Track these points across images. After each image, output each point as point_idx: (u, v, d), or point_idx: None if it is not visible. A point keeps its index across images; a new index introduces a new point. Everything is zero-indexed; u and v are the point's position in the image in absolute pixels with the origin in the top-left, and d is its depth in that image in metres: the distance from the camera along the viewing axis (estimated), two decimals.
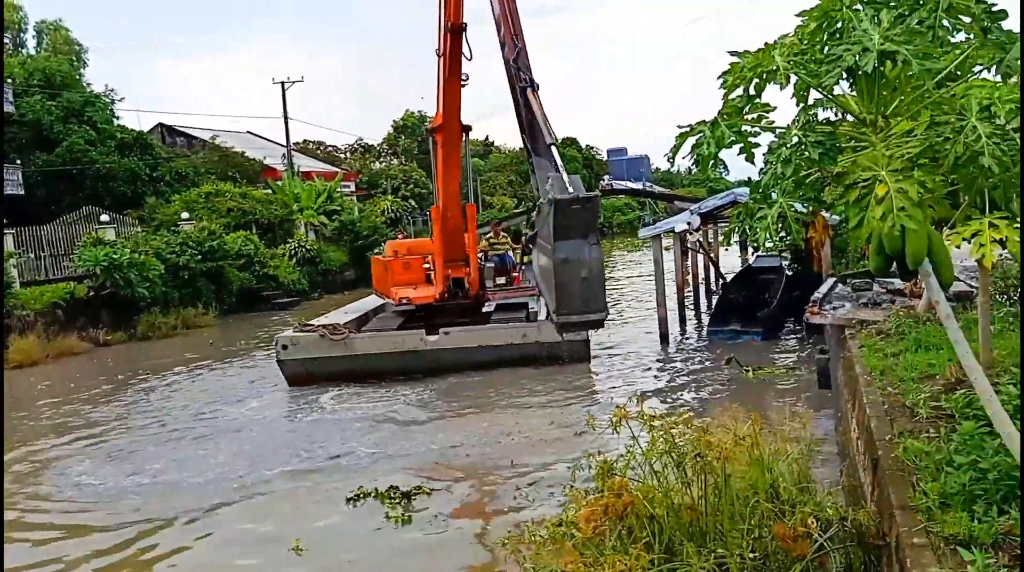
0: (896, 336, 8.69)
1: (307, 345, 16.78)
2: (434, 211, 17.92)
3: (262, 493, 10.46)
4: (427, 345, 16.64)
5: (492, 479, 10.42)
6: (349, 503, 9.71)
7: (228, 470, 11.44)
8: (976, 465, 4.50)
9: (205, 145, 47.86)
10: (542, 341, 16.34)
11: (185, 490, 10.79)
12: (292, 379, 16.76)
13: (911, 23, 3.90)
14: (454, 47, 16.12)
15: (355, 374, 16.47)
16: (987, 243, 4.63)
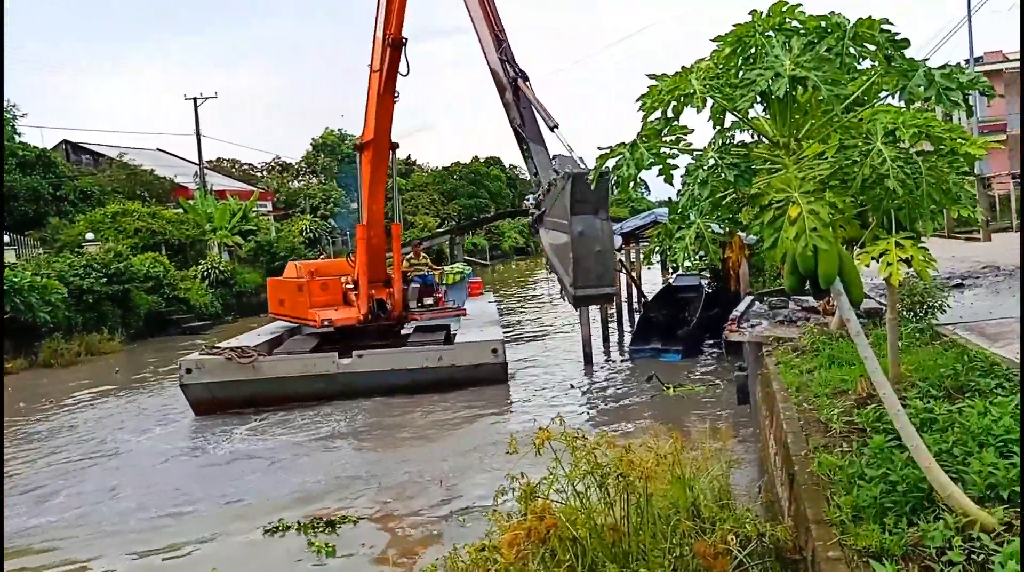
0: (811, 353, 8.95)
1: (213, 369, 16.09)
2: (360, 229, 17.63)
3: (170, 526, 9.94)
4: (339, 368, 16.18)
5: (421, 503, 10.20)
6: (267, 534, 9.31)
7: (136, 504, 10.85)
8: (886, 478, 4.63)
9: (112, 163, 46.07)
10: (458, 364, 16.18)
11: (92, 525, 10.17)
12: (197, 404, 16.02)
13: (820, 50, 4.03)
14: (392, 62, 16.10)
15: (264, 399, 15.87)
16: (894, 262, 4.81)
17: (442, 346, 16.72)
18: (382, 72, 16.29)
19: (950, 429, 5.17)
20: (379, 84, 16.45)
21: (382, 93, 16.56)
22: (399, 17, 16.04)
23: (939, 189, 4.20)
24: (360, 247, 17.64)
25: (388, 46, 16.07)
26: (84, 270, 27.17)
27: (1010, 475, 4.32)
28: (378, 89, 16.53)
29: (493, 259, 67.91)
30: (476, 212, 67.80)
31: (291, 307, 18.99)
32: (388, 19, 16.06)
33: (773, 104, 4.23)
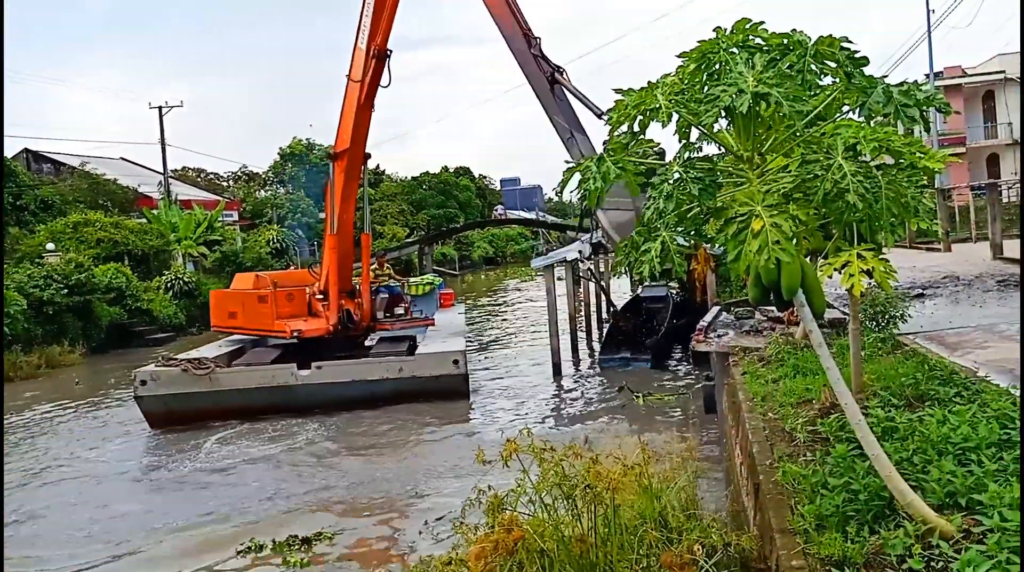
0: (776, 362, 9.06)
1: (169, 380, 15.76)
2: (330, 239, 17.44)
3: (143, 550, 9.67)
4: (299, 380, 15.93)
5: (395, 516, 10.14)
6: (241, 555, 9.10)
7: (100, 526, 10.56)
8: (849, 487, 4.70)
9: (74, 172, 45.25)
10: (419, 375, 15.97)
11: (50, 547, 9.89)
12: (152, 417, 15.68)
13: (782, 67, 4.11)
14: (375, 73, 16.10)
15: (222, 412, 15.53)
16: (856, 273, 4.90)
17: (402, 357, 16.49)
18: (364, 83, 16.25)
19: (910, 438, 5.26)
20: (360, 95, 16.39)
21: (362, 103, 16.51)
22: (386, 29, 16.06)
23: (898, 202, 4.30)
24: (331, 257, 17.45)
25: (373, 57, 16.06)
26: (44, 281, 26.61)
27: (968, 483, 4.40)
28: (358, 99, 16.46)
29: (463, 269, 67.88)
30: (445, 222, 67.73)
31: (249, 319, 18.31)
32: (374, 31, 16.04)
33: (737, 119, 4.30)
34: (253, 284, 18.80)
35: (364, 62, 16.22)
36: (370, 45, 16.09)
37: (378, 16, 16.06)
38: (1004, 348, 8.57)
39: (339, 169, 17.07)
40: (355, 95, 16.49)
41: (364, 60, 16.22)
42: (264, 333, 18.33)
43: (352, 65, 16.51)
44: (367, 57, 16.17)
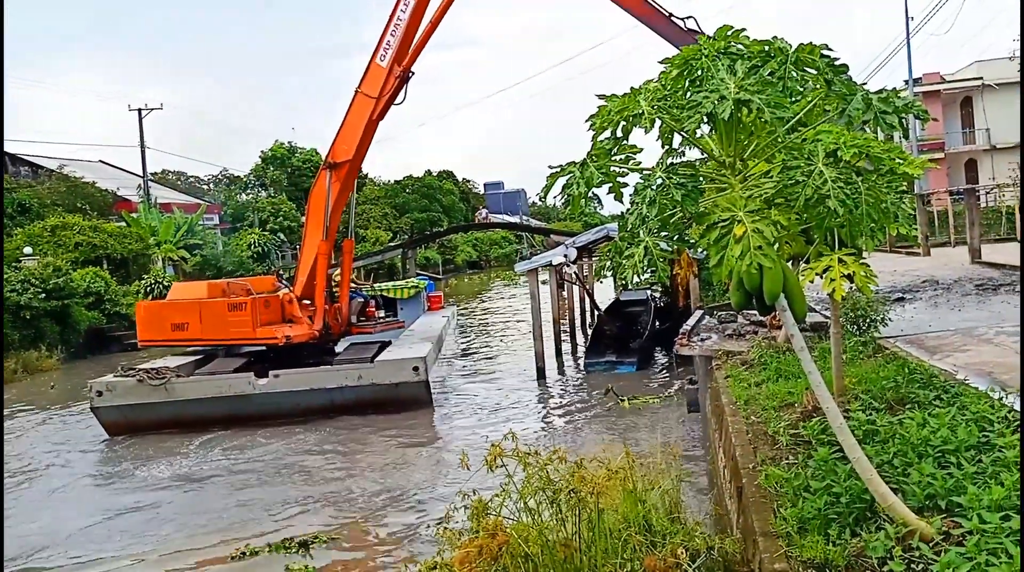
0: (759, 366, 9.12)
1: (125, 391, 15.54)
2: (322, 245, 17.26)
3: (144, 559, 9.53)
4: (256, 389, 15.73)
5: (391, 520, 10.13)
6: (235, 560, 9.00)
7: (84, 536, 10.42)
8: (830, 490, 4.74)
9: (52, 175, 44.75)
10: (378, 382, 15.75)
11: (47, 554, 9.75)
12: (110, 428, 15.48)
13: (763, 74, 4.14)
14: (394, 92, 16.16)
15: (180, 421, 15.31)
16: (837, 278, 4.94)
17: (361, 365, 16.22)
18: (380, 100, 16.28)
19: (891, 441, 5.31)
20: (373, 110, 16.40)
21: (374, 119, 16.56)
22: (415, 54, 16.14)
23: (878, 208, 4.34)
24: (321, 263, 17.32)
25: (396, 77, 16.11)
26: (21, 285, 26.28)
27: (947, 485, 4.45)
28: (371, 114, 16.46)
29: (446, 273, 67.74)
30: (429, 226, 67.64)
31: (211, 329, 17.25)
32: (401, 52, 16.04)
33: (719, 125, 4.33)
34: (209, 293, 17.89)
35: (384, 80, 16.22)
36: (393, 65, 16.11)
37: (408, 38, 16.12)
38: (983, 351, 8.68)
39: (337, 178, 17.01)
40: (367, 109, 16.48)
41: (384, 78, 16.21)
42: (234, 342, 17.50)
43: (366, 79, 16.47)
44: (388, 75, 16.19)
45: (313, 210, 17.64)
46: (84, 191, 42.69)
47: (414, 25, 16.12)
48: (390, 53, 16.15)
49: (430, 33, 16.36)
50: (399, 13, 16.09)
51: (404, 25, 16.05)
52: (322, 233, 17.19)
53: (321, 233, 17.19)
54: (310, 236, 17.66)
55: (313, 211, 17.64)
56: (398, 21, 16.12)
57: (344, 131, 16.98)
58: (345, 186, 17.31)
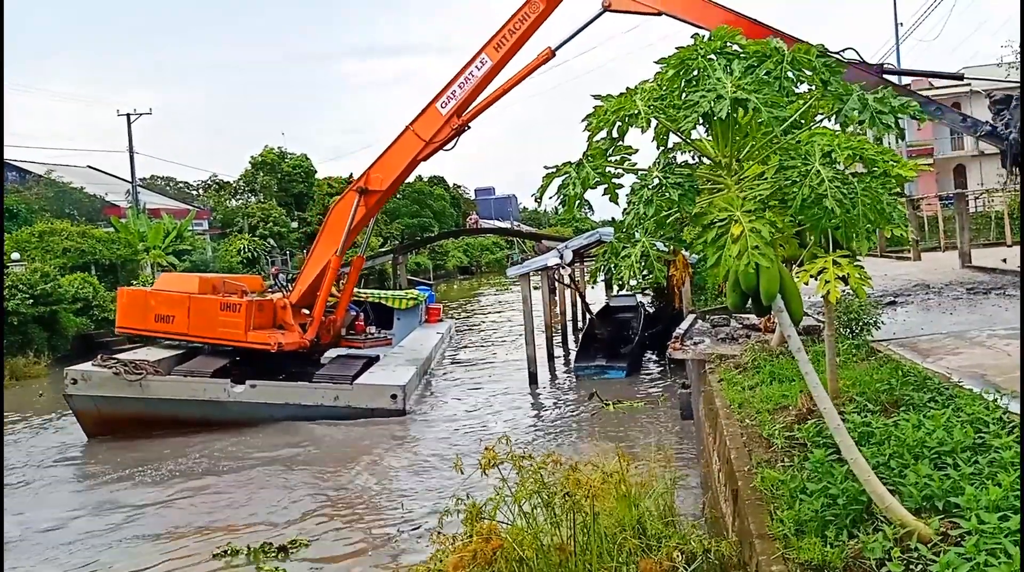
0: (752, 369, 9.10)
1: (100, 382, 15.29)
2: (335, 261, 17.23)
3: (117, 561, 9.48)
4: (231, 396, 15.57)
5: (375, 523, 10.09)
6: (216, 558, 8.99)
7: (65, 535, 10.36)
8: (827, 491, 4.71)
9: (40, 180, 44.46)
10: (355, 406, 15.62)
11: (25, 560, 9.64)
12: (83, 419, 15.27)
13: (760, 74, 4.13)
14: (447, 139, 16.30)
15: (151, 420, 15.07)
16: (832, 280, 4.93)
17: (339, 386, 16.05)
18: (431, 144, 16.36)
19: (887, 442, 5.29)
20: (421, 152, 16.47)
21: (418, 159, 16.69)
22: (477, 113, 16.21)
23: (874, 209, 4.33)
24: (330, 277, 17.27)
25: (453, 129, 16.19)
26: (9, 291, 26.06)
27: (944, 486, 4.44)
28: (416, 155, 16.53)
29: (437, 279, 67.61)
30: (419, 231, 67.52)
31: (199, 325, 16.88)
32: (463, 105, 16.09)
33: (715, 125, 4.32)
34: (200, 288, 17.48)
35: (440, 127, 16.26)
36: (452, 116, 16.15)
37: (474, 95, 16.15)
38: (975, 354, 8.69)
39: (366, 204, 17.01)
40: (413, 149, 16.53)
41: (440, 125, 16.25)
42: (222, 342, 17.06)
43: (420, 120, 16.48)
44: (445, 124, 16.23)
45: (331, 225, 17.51)
46: (72, 196, 42.47)
47: (484, 83, 16.15)
48: (452, 104, 16.17)
49: (498, 97, 16.37)
50: (472, 69, 16.08)
51: (475, 82, 16.10)
52: (336, 248, 17.13)
53: (335, 248, 17.14)
54: (322, 248, 17.55)
55: (331, 226, 17.51)
56: (469, 76, 16.12)
57: (384, 162, 16.97)
58: (370, 212, 17.46)
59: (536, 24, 15.74)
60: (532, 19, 15.63)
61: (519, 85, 16.26)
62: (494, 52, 15.89)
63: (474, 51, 16.18)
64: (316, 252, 17.77)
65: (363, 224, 17.92)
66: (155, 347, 17.55)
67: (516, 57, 16.19)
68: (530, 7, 15.63)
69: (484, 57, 16.00)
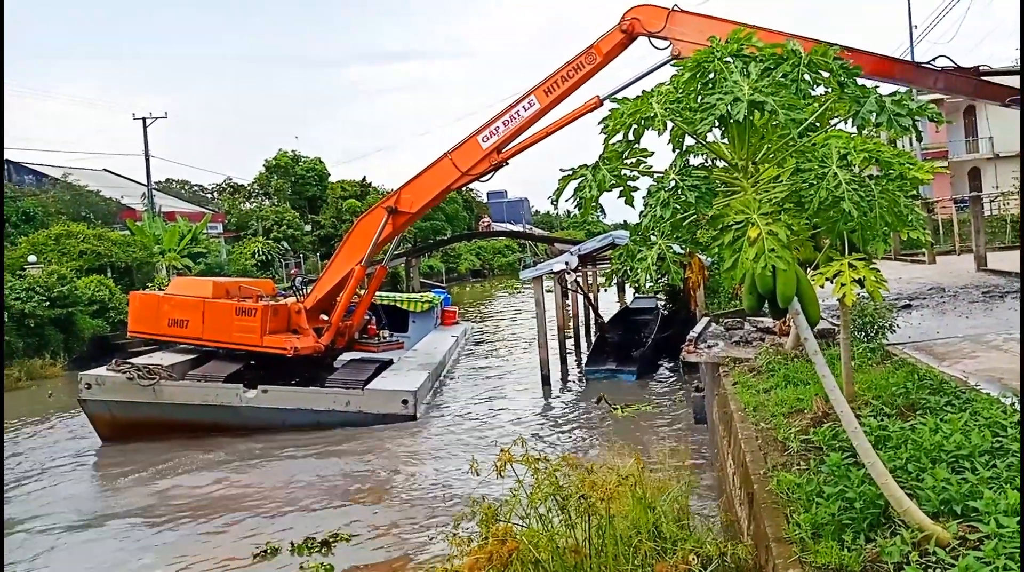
0: (767, 373, 9.07)
1: (114, 386, 15.41)
2: (360, 270, 17.32)
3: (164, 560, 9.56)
4: (243, 401, 15.61)
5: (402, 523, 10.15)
6: (256, 559, 9.08)
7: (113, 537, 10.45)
8: (844, 495, 4.69)
9: (56, 183, 44.85)
10: (366, 411, 15.62)
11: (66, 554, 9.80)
12: (98, 423, 15.41)
13: (776, 76, 4.13)
14: (484, 173, 16.42)
15: (164, 425, 15.14)
16: (848, 283, 4.92)
17: (351, 391, 16.02)
18: (466, 176, 16.46)
19: (903, 446, 5.27)
20: (456, 181, 16.61)
21: (452, 187, 16.83)
22: (519, 150, 16.22)
23: (891, 211, 4.32)
24: (352, 286, 17.36)
25: (492, 164, 16.24)
26: (26, 293, 26.32)
27: (963, 490, 4.41)
28: (451, 183, 16.64)
29: (449, 281, 67.71)
30: (432, 234, 67.62)
31: (214, 330, 16.90)
32: (505, 141, 16.09)
33: (731, 128, 4.32)
34: (214, 292, 17.48)
35: (478, 160, 16.27)
36: (492, 151, 16.16)
37: (517, 133, 16.10)
38: (992, 357, 8.64)
39: (392, 223, 17.07)
40: (449, 177, 16.56)
41: (479, 159, 16.25)
42: (237, 347, 17.04)
43: (459, 150, 16.46)
44: (484, 158, 16.24)
45: (356, 236, 17.59)
46: (88, 200, 42.79)
47: (528, 124, 16.06)
48: (494, 139, 16.14)
49: (541, 138, 16.27)
50: (520, 108, 16.02)
51: (520, 122, 16.02)
52: (361, 259, 17.21)
53: (359, 258, 17.22)
54: (344, 257, 17.62)
55: (356, 237, 17.58)
56: (515, 114, 16.05)
57: (416, 185, 16.98)
58: (396, 231, 17.58)
59: (590, 74, 15.65)
60: (587, 69, 15.55)
61: (563, 129, 16.20)
62: (543, 96, 15.85)
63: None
64: (337, 262, 17.82)
65: (388, 241, 18.04)
66: (169, 351, 17.64)
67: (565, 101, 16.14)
68: (587, 58, 15.54)
69: (533, 98, 15.95)
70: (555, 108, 16.08)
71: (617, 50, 15.34)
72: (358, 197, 62.89)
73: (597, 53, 15.39)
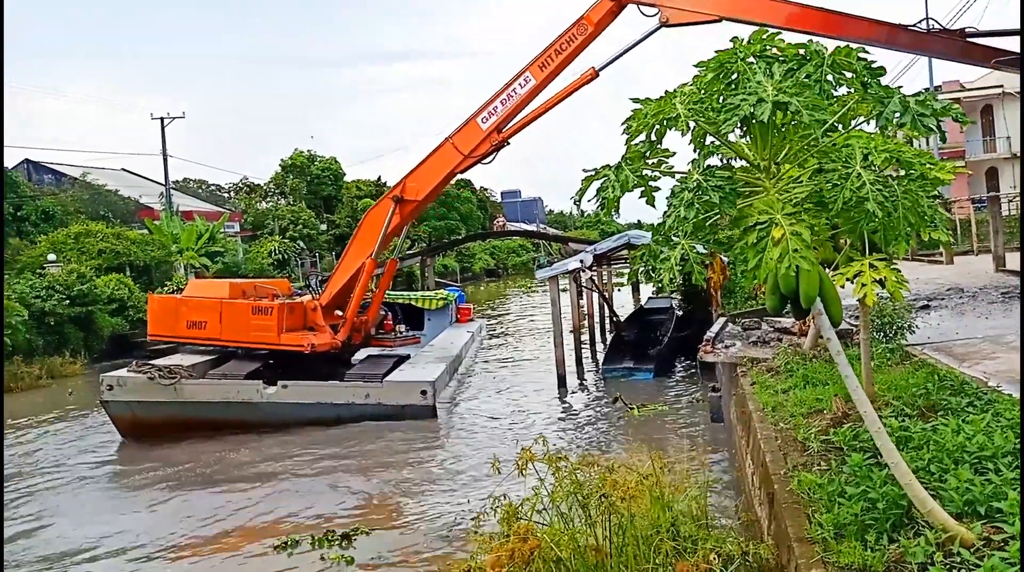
0: (785, 373, 9.06)
1: (135, 387, 15.64)
2: (371, 264, 17.33)
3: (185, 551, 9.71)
4: (263, 397, 15.77)
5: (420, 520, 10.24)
6: (277, 551, 9.21)
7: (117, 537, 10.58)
8: (866, 495, 4.69)
9: (75, 182, 45.28)
10: (385, 403, 15.72)
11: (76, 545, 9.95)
12: (120, 423, 15.62)
13: (800, 77, 4.13)
14: (485, 154, 16.35)
15: (185, 423, 15.32)
16: (868, 283, 4.92)
17: (369, 383, 16.16)
18: (469, 158, 16.42)
19: (925, 447, 5.26)
20: (459, 165, 16.54)
21: (455, 172, 16.76)
22: (518, 128, 16.23)
23: (915, 212, 4.32)
24: (364, 280, 17.38)
25: (493, 144, 16.24)
26: (46, 292, 26.61)
27: (986, 491, 4.41)
28: (454, 167, 16.61)
29: (464, 281, 67.82)
30: (447, 234, 67.76)
31: (232, 330, 17.06)
32: (504, 120, 16.11)
33: (754, 128, 4.33)
34: (231, 293, 17.71)
35: (479, 142, 16.28)
36: (493, 132, 16.19)
37: (515, 111, 16.12)
38: (1013, 358, 8.57)
39: (401, 212, 17.09)
40: (452, 161, 16.56)
41: (480, 140, 16.27)
42: (255, 346, 17.22)
43: (460, 134, 16.50)
44: (485, 139, 16.25)
45: (365, 229, 17.61)
46: (107, 199, 43.18)
47: (526, 101, 16.07)
48: (493, 119, 16.14)
49: (540, 115, 16.27)
50: (516, 86, 16.01)
51: (517, 100, 16.02)
52: (371, 252, 17.21)
53: (369, 251, 17.21)
54: (355, 251, 17.63)
55: (365, 230, 17.60)
56: (512, 93, 16.04)
57: (420, 172, 17.00)
58: (404, 220, 17.55)
59: (582, 46, 15.63)
60: (579, 41, 15.52)
61: (560, 104, 16.18)
62: (538, 71, 15.83)
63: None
64: (348, 256, 17.87)
65: (397, 231, 18.04)
66: (188, 352, 17.80)
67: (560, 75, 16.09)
68: (578, 29, 15.51)
69: (528, 75, 15.93)
70: (551, 83, 16.05)
71: (607, 19, 15.28)
72: (373, 197, 63.06)
73: (588, 23, 15.37)
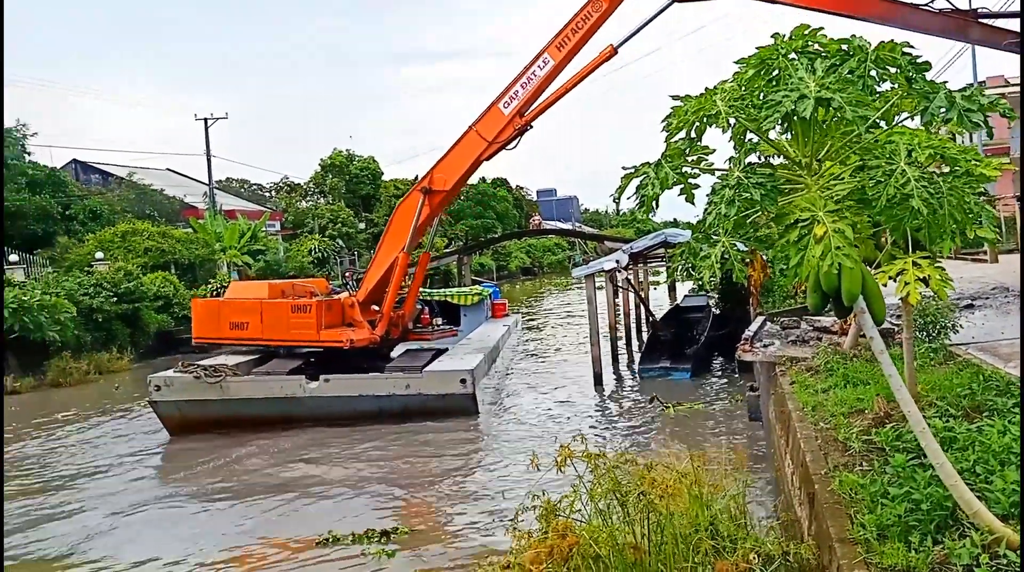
0: (825, 372, 8.94)
1: (182, 387, 16.04)
2: (403, 257, 17.50)
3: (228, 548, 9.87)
4: (307, 392, 16.03)
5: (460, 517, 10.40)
6: (319, 546, 9.39)
7: (149, 525, 10.86)
8: (910, 496, 4.64)
9: (122, 182, 46.37)
10: (426, 393, 15.88)
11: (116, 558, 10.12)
12: (168, 422, 16.02)
13: (843, 72, 4.10)
14: (510, 139, 16.45)
15: (232, 420, 15.71)
16: (912, 281, 4.86)
17: (410, 374, 16.33)
18: (493, 144, 16.51)
19: (971, 448, 5.18)
20: (484, 152, 16.62)
21: (481, 159, 16.84)
22: (540, 112, 16.31)
23: (961, 209, 4.25)
24: (398, 274, 17.55)
25: (516, 128, 16.32)
26: (94, 289, 27.28)
27: None
28: (480, 155, 16.69)
29: (500, 279, 67.99)
30: (483, 233, 67.99)
31: (272, 329, 17.42)
32: (525, 104, 16.20)
33: (795, 125, 4.30)
34: (270, 293, 18.14)
35: (503, 127, 16.36)
36: (515, 116, 16.26)
37: (536, 94, 16.19)
38: None
39: (430, 203, 17.23)
40: (477, 149, 16.66)
41: (503, 125, 16.35)
42: (295, 343, 17.56)
43: (483, 120, 16.61)
44: (508, 124, 16.32)
45: (397, 223, 17.78)
46: (152, 198, 44.15)
47: (546, 83, 16.13)
48: (515, 103, 16.19)
49: (561, 95, 16.31)
50: (535, 68, 16.07)
51: (537, 82, 16.07)
52: (403, 246, 17.33)
53: (402, 245, 17.34)
54: (388, 245, 17.80)
55: (396, 224, 17.77)
56: (532, 75, 16.10)
57: (447, 162, 17.12)
58: (434, 212, 17.66)
59: (599, 23, 15.62)
60: (595, 18, 15.53)
61: (582, 83, 16.18)
62: (556, 52, 15.87)
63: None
64: (381, 252, 18.07)
65: (428, 223, 18.12)
66: (231, 353, 18.20)
67: (579, 55, 16.12)
68: (593, 6, 15.52)
69: (546, 56, 15.97)
70: (570, 63, 16.05)
71: None
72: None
73: (603, 1, 15.37)
